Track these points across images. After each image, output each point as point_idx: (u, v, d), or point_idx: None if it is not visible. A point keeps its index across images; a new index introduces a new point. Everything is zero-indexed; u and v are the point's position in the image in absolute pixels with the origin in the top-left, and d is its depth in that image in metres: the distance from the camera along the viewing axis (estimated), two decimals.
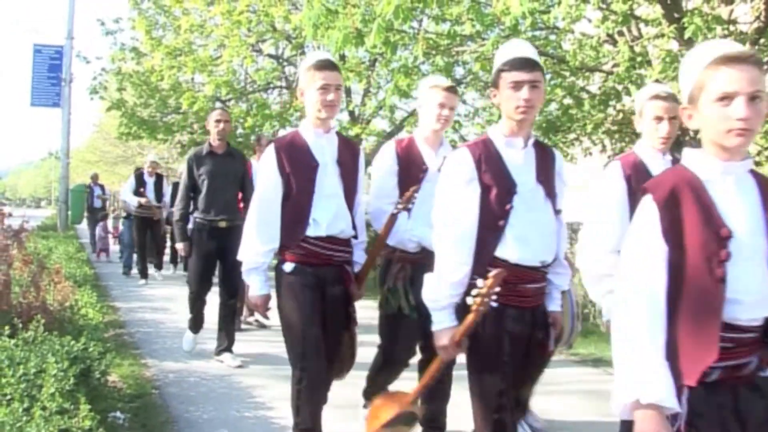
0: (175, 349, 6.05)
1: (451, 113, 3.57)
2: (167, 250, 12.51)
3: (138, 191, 10.74)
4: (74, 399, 3.16)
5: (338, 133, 3.44)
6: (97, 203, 15.32)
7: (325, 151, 3.30)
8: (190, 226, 5.86)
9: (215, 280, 5.85)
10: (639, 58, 6.23)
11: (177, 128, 13.28)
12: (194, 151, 5.83)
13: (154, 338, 6.52)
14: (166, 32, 13.45)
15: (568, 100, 7.78)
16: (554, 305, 2.76)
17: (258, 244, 3.24)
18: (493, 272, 2.39)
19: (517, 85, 2.49)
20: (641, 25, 7.07)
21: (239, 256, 3.31)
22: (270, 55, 13.15)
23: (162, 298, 9.18)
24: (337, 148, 3.34)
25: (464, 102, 11.90)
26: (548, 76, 7.90)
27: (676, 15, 5.94)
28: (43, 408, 2.99)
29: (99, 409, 3.46)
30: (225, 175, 5.67)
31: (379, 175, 3.64)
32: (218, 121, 5.71)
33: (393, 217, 3.37)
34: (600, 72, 7.60)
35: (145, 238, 11.03)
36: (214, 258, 5.70)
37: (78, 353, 3.72)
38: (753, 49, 5.90)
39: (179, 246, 5.87)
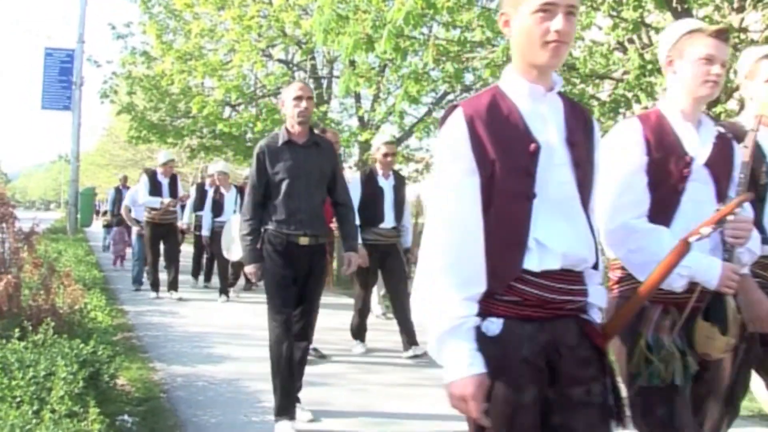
0: (183, 353, 6.06)
1: (722, 71, 2.27)
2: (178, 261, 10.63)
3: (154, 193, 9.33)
4: (83, 402, 3.18)
5: (561, 94, 1.99)
6: None
7: (547, 123, 1.89)
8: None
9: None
10: (649, 66, 6.20)
11: (186, 132, 13.38)
12: (266, 141, 4.23)
13: (162, 342, 6.53)
14: (177, 36, 13.55)
15: None
16: None
17: (452, 288, 1.78)
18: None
19: None
20: (651, 33, 7.06)
21: (415, 313, 1.91)
22: (280, 60, 13.20)
23: (170, 302, 9.20)
24: (564, 117, 1.93)
25: None
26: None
27: None
28: (53, 411, 3.01)
29: (108, 412, 3.48)
30: (309, 174, 4.17)
31: (619, 172, 2.29)
32: (299, 98, 4.10)
33: (686, 243, 2.04)
34: (610, 79, 7.58)
35: (158, 249, 9.64)
36: (291, 284, 4.23)
37: (87, 356, 3.76)
38: None
39: (249, 270, 4.22)
